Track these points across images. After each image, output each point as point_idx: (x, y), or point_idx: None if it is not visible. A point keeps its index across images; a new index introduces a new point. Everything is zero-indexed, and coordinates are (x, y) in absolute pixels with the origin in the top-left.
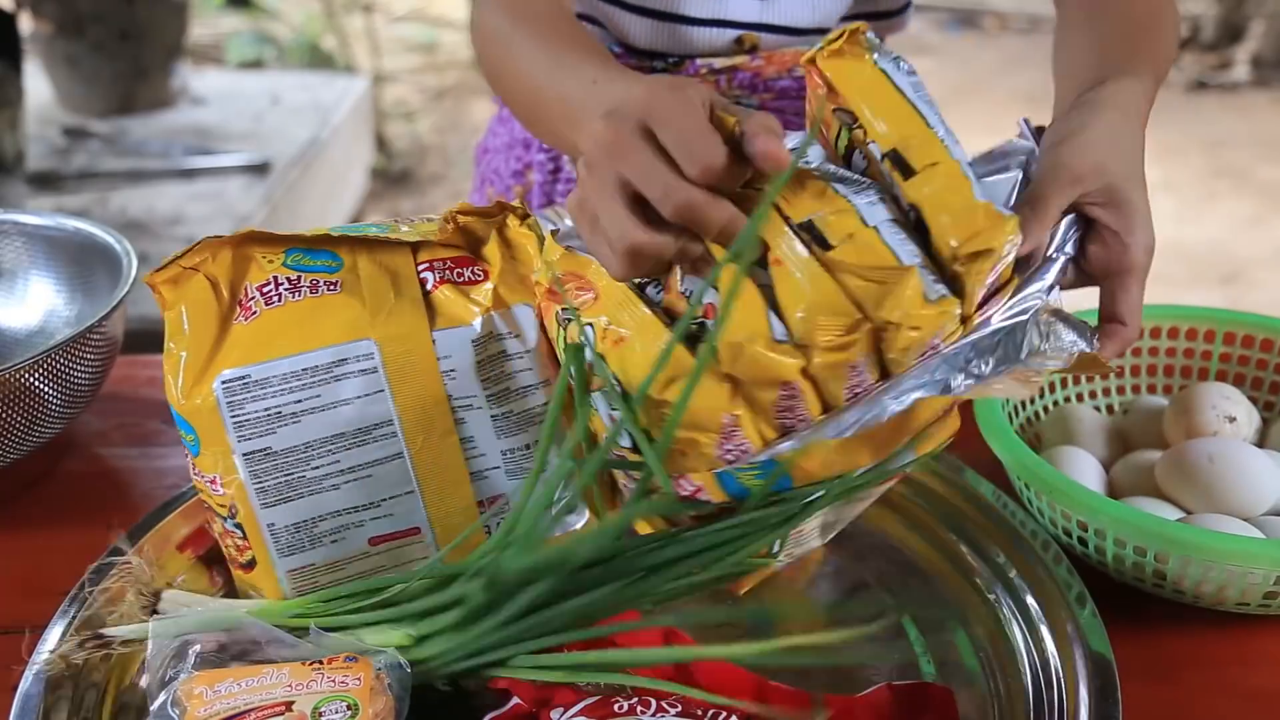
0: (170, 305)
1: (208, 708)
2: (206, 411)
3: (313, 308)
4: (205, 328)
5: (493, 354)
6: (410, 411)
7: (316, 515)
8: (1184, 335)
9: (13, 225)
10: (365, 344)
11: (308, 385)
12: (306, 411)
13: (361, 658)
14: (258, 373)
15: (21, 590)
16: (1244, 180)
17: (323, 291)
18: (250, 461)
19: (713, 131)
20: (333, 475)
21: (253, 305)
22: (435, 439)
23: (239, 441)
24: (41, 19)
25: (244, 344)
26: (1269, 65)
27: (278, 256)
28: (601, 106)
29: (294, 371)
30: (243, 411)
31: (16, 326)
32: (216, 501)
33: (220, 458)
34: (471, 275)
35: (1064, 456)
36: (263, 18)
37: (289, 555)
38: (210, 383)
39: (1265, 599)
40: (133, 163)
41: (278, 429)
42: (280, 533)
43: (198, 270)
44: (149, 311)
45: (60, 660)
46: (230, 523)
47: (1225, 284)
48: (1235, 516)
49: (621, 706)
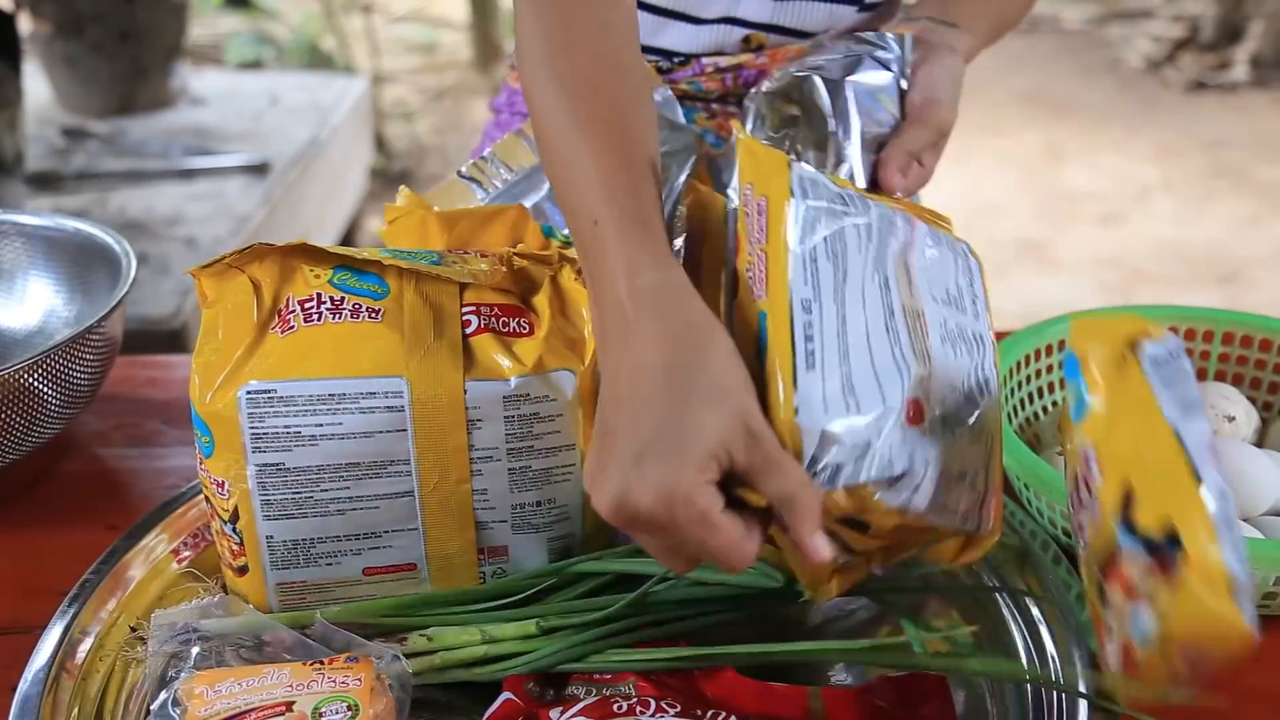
0: (211, 303)
1: (208, 707)
2: (227, 418)
3: (351, 333)
4: (240, 333)
5: (525, 413)
6: (429, 454)
7: (316, 536)
8: (1183, 335)
9: (12, 225)
10: (396, 381)
11: (332, 410)
12: (325, 436)
13: (363, 658)
14: (284, 389)
15: (21, 590)
16: (1243, 180)
17: (364, 318)
18: (261, 474)
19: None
20: (340, 501)
21: (291, 319)
22: (449, 484)
23: (253, 453)
24: (40, 19)
25: (276, 357)
26: (1268, 65)
27: (325, 273)
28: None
29: (320, 395)
30: (262, 425)
31: (16, 327)
32: (220, 504)
33: (232, 464)
34: (517, 327)
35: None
36: (262, 18)
37: (282, 569)
38: (235, 390)
39: (1264, 599)
40: (132, 163)
41: (293, 448)
42: (277, 546)
43: (243, 271)
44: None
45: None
46: (230, 527)
47: (1224, 284)
48: None
49: (621, 707)
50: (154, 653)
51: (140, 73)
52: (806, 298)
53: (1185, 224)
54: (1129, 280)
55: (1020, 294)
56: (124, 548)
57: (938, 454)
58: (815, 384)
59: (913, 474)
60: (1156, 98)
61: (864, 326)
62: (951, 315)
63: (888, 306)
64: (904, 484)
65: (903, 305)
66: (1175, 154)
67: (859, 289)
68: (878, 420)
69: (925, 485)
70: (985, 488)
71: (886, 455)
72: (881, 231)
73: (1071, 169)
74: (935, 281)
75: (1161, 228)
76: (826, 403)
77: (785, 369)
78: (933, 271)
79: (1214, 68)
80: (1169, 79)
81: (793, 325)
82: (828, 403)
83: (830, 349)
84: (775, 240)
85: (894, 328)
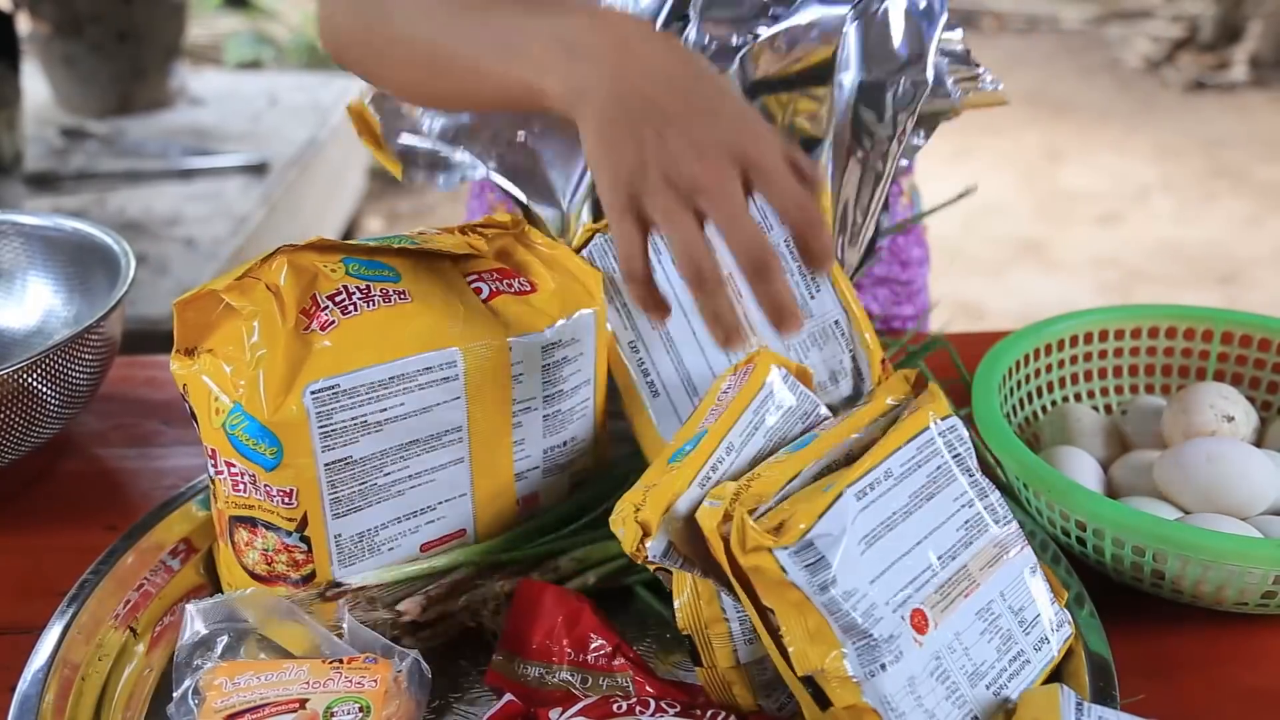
0: (243, 315)
1: (225, 699)
2: (296, 423)
3: (390, 317)
4: (278, 337)
5: (557, 359)
6: (480, 417)
7: (379, 524)
8: (1182, 335)
9: (11, 226)
10: (450, 352)
11: (394, 394)
12: (390, 420)
13: (382, 659)
14: (346, 382)
15: (20, 590)
16: (1242, 180)
17: (395, 301)
18: (330, 471)
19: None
20: (400, 481)
21: (327, 315)
22: (494, 440)
23: (323, 451)
24: (39, 19)
25: (329, 354)
26: (1267, 65)
27: (339, 266)
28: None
29: (381, 380)
30: (330, 422)
31: (14, 327)
32: (284, 516)
33: (302, 470)
34: (520, 286)
35: (1062, 456)
36: (261, 18)
37: (347, 566)
38: (299, 393)
39: (1263, 598)
40: (131, 163)
41: (360, 438)
42: (345, 543)
43: (259, 280)
44: (147, 312)
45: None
46: (295, 537)
47: (1224, 284)
48: (1233, 516)
49: (620, 707)
50: (182, 643)
51: (139, 73)
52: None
53: (1184, 224)
54: (1128, 280)
55: (1019, 293)
56: (123, 548)
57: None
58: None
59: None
60: (1155, 98)
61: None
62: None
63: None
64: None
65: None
66: (1174, 154)
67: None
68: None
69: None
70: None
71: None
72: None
73: (1071, 169)
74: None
75: (1161, 228)
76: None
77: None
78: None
79: (1213, 68)
80: (1168, 79)
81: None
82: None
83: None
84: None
85: None
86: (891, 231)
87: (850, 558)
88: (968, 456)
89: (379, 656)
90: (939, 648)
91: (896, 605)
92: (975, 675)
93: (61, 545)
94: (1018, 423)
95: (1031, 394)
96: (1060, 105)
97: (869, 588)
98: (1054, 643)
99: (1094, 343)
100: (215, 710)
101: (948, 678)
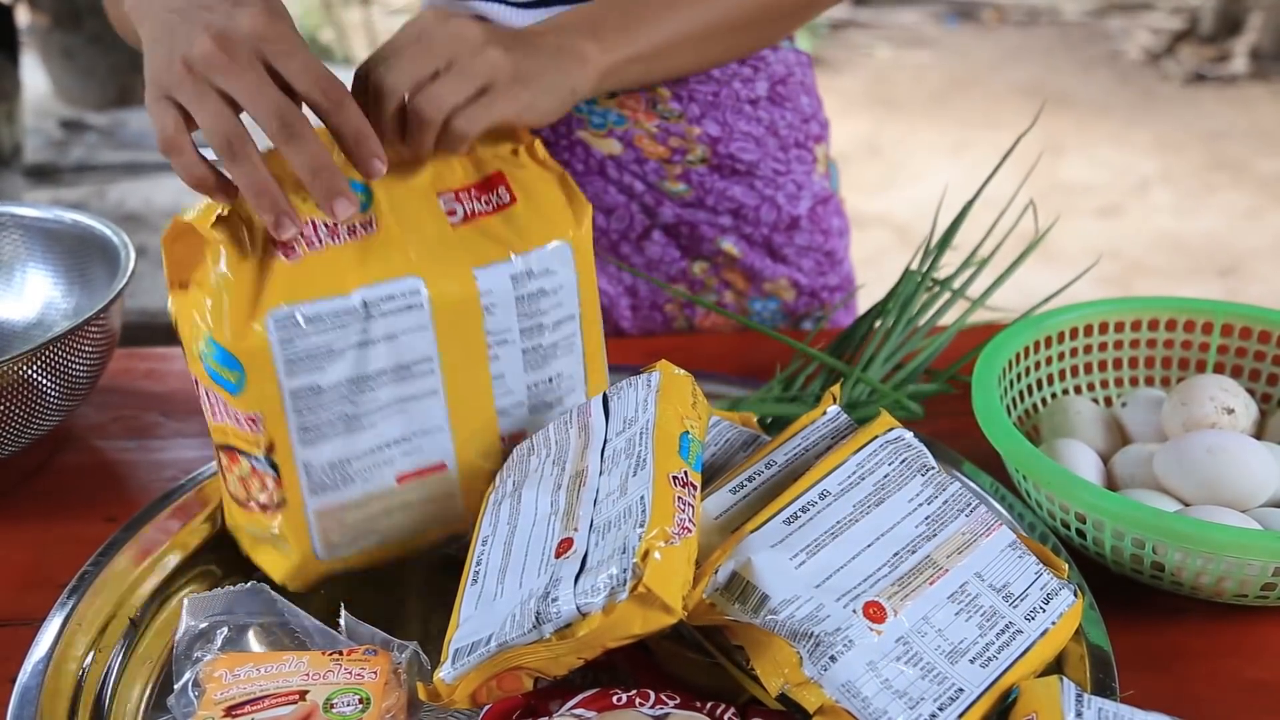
0: (209, 242)
1: (225, 691)
2: (258, 349)
3: (354, 249)
4: (245, 265)
5: (532, 290)
6: (450, 347)
7: (351, 454)
8: (1182, 327)
9: (10, 218)
10: (413, 281)
11: (358, 321)
12: (353, 347)
13: (382, 651)
14: (309, 310)
15: (20, 582)
16: (1242, 173)
17: (360, 233)
18: (297, 398)
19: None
20: (370, 411)
21: (295, 245)
22: (469, 373)
23: (288, 378)
24: (38, 12)
25: (291, 282)
26: (1268, 58)
27: (308, 198)
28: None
29: (346, 309)
30: (294, 348)
31: (14, 319)
32: (251, 441)
33: (266, 396)
34: (498, 199)
35: (1062, 449)
36: None
37: (320, 494)
38: (262, 319)
39: (1263, 590)
40: (130, 155)
41: (326, 366)
42: (315, 471)
43: (236, 213)
44: (147, 304)
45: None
46: (263, 462)
47: (1223, 276)
48: (1233, 508)
49: (620, 699)
50: (182, 635)
51: (138, 65)
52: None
53: (1184, 216)
54: (1128, 272)
55: (1018, 285)
56: (123, 540)
57: None
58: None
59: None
60: (1155, 90)
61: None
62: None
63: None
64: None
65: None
66: (1174, 146)
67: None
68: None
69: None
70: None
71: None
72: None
73: (1070, 161)
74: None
75: (1161, 220)
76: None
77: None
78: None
79: (1213, 60)
80: (1168, 71)
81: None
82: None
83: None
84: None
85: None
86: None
87: (783, 572)
88: (918, 459)
89: (379, 648)
90: (904, 633)
91: (848, 601)
92: (955, 653)
93: (61, 537)
94: (1017, 415)
95: (1031, 386)
96: (1060, 98)
97: (814, 592)
98: (1050, 611)
99: (1094, 335)
100: (215, 702)
101: (919, 659)
